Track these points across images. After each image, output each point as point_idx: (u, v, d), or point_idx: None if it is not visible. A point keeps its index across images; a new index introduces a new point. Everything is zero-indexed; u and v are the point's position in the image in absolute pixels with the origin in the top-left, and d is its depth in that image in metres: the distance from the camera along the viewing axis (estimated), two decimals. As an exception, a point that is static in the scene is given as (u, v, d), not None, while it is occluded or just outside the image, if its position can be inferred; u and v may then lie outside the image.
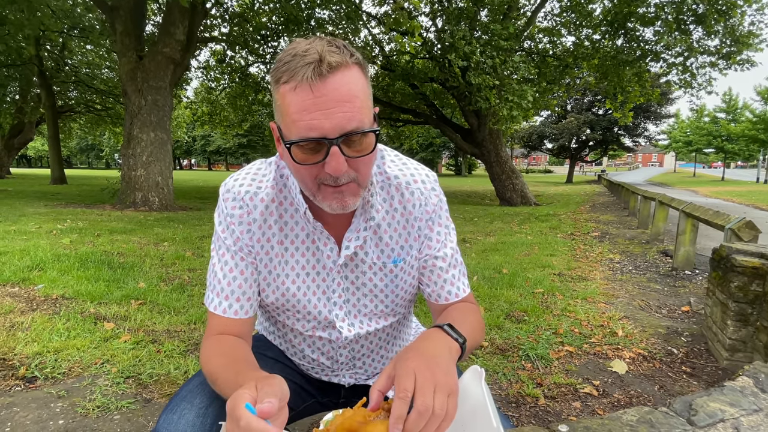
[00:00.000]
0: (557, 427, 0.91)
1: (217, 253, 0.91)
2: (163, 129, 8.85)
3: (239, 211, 0.89)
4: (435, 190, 0.97)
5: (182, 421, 0.88)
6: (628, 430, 0.92)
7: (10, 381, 2.10)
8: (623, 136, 36.22)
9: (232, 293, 0.89)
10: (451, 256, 0.99)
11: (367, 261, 0.94)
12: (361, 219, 0.91)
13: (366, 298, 0.97)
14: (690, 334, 3.14)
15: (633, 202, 9.69)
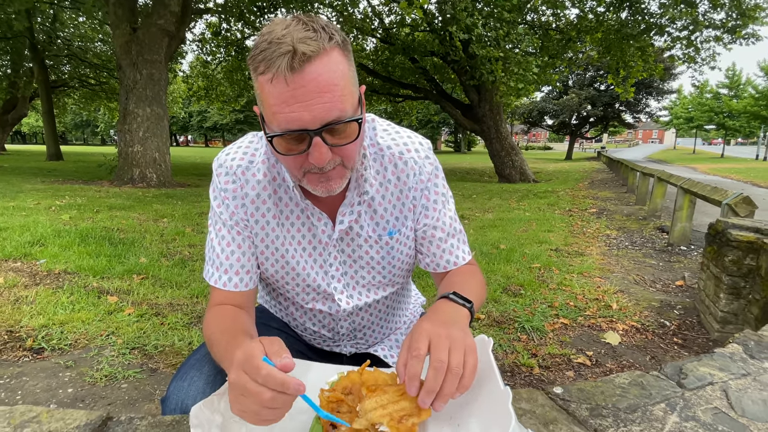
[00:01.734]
0: (552, 389, 0.95)
1: (214, 228, 0.92)
2: (159, 104, 8.73)
3: (232, 186, 0.89)
4: (429, 158, 0.96)
5: (192, 387, 0.92)
6: (620, 392, 0.96)
7: (18, 352, 2.14)
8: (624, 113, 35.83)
9: (231, 267, 0.91)
10: (449, 225, 0.98)
11: (363, 234, 0.95)
12: (354, 193, 0.91)
13: (363, 270, 0.98)
14: (683, 307, 3.21)
15: (632, 178, 9.69)
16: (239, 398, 0.59)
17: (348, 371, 0.82)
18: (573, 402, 0.93)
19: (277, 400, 0.58)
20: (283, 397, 0.58)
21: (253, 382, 0.58)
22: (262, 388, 0.57)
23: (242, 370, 0.59)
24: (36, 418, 0.86)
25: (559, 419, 0.87)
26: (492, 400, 0.70)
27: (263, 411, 0.59)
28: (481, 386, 0.76)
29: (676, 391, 0.99)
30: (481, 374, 0.78)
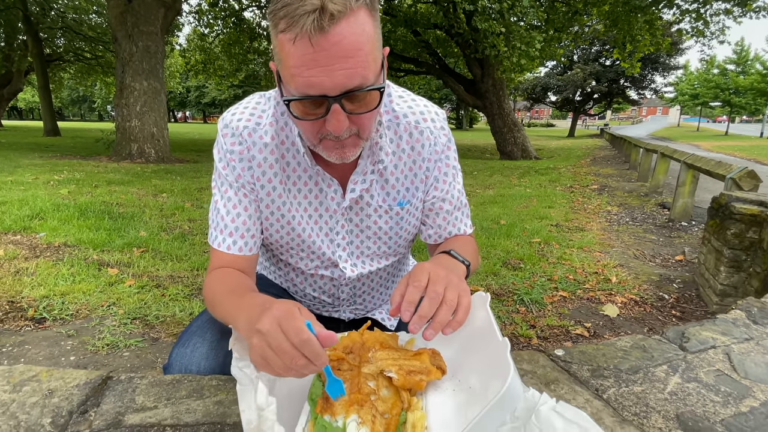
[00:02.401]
0: (554, 351, 0.95)
1: (219, 190, 0.89)
2: (156, 77, 8.57)
3: (239, 148, 0.86)
4: (444, 129, 0.94)
5: (195, 353, 0.91)
6: (622, 354, 0.96)
7: (20, 322, 2.15)
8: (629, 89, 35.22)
9: (236, 230, 0.88)
10: (457, 198, 0.98)
11: (373, 204, 0.92)
12: (368, 161, 0.88)
13: (369, 240, 0.97)
14: (682, 281, 3.21)
15: (634, 155, 9.60)
16: (266, 351, 0.58)
17: (349, 332, 0.82)
18: (574, 363, 0.93)
19: (308, 368, 0.58)
20: (312, 367, 0.58)
21: (288, 342, 0.56)
22: (297, 353, 0.56)
23: (278, 324, 0.57)
24: (35, 377, 0.86)
25: (560, 379, 0.87)
26: (491, 353, 0.69)
27: (288, 372, 0.58)
28: (480, 341, 0.76)
29: (678, 354, 0.98)
30: (479, 329, 0.77)
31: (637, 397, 0.83)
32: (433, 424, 0.67)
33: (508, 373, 0.56)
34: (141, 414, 0.76)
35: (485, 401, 0.65)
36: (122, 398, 0.80)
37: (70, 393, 0.81)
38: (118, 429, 0.72)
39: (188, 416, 0.75)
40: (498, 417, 0.59)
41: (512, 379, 0.56)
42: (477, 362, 0.73)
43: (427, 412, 0.69)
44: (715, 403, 0.82)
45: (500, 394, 0.55)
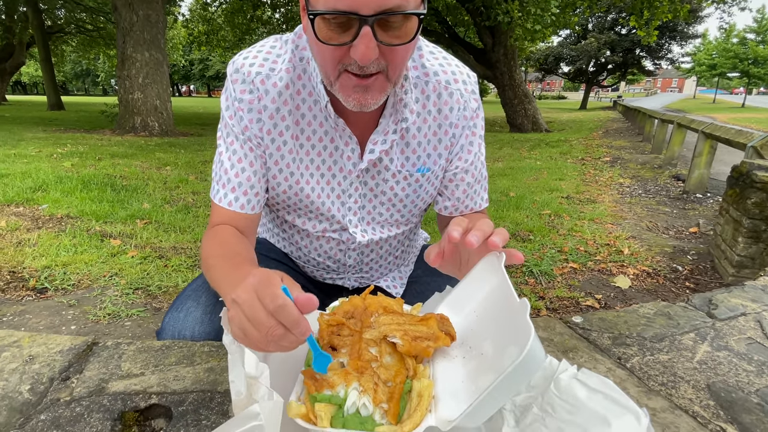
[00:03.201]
0: (571, 318, 0.88)
1: (224, 141, 0.82)
2: (157, 48, 8.38)
3: (249, 96, 0.77)
4: (475, 93, 0.85)
5: (189, 318, 0.86)
6: (645, 322, 0.89)
7: (21, 291, 2.13)
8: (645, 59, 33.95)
9: (239, 185, 0.81)
10: (479, 171, 0.91)
11: (392, 168, 0.84)
12: (390, 120, 0.79)
13: (383, 206, 0.90)
14: (696, 253, 3.12)
15: (648, 126, 9.32)
16: (244, 323, 0.51)
17: (350, 296, 0.75)
18: (594, 331, 0.86)
19: (287, 338, 0.50)
20: (292, 338, 0.50)
21: (264, 310, 0.49)
22: (273, 322, 0.49)
23: (255, 292, 0.50)
24: (17, 343, 0.81)
25: (579, 347, 0.80)
26: (506, 316, 0.62)
27: (269, 344, 0.51)
28: (494, 304, 0.69)
29: (706, 321, 0.91)
30: (493, 292, 0.71)
31: (663, 366, 0.76)
32: (441, 394, 0.60)
33: (528, 336, 0.49)
34: (125, 381, 0.71)
35: (500, 368, 0.59)
36: (107, 365, 0.75)
37: (53, 359, 0.76)
38: (100, 396, 0.67)
39: (176, 383, 0.70)
40: (515, 385, 0.52)
41: (533, 342, 0.48)
42: (490, 327, 0.67)
43: (434, 381, 0.63)
44: (748, 372, 0.75)
45: (520, 359, 0.48)
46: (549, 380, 0.61)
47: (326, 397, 0.57)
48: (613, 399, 0.54)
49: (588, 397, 0.56)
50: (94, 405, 0.65)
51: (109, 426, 0.62)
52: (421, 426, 0.54)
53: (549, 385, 0.60)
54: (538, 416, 0.58)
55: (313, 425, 0.53)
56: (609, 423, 0.52)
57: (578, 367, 0.60)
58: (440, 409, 0.57)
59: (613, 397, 0.55)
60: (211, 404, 0.66)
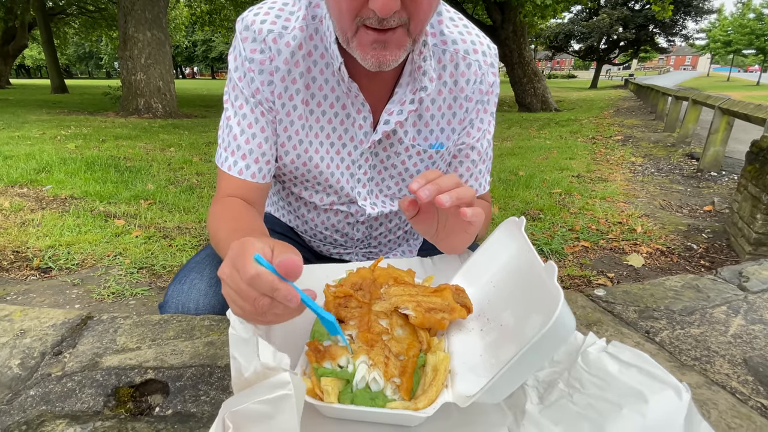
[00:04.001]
0: (593, 291, 0.82)
1: (233, 105, 0.76)
2: (159, 27, 8.24)
3: (260, 56, 0.71)
4: (493, 66, 0.79)
5: (193, 290, 0.82)
6: (673, 295, 0.83)
7: (25, 271, 2.11)
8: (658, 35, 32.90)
9: (250, 152, 0.75)
10: (485, 150, 0.86)
11: (405, 142, 0.79)
12: (408, 89, 0.73)
13: (392, 180, 0.85)
14: (711, 231, 3.04)
15: (662, 104, 9.09)
16: (233, 297, 0.47)
17: (358, 268, 0.70)
18: (618, 304, 0.80)
19: (276, 308, 0.45)
20: (281, 307, 0.45)
21: (243, 282, 0.45)
22: (254, 293, 0.44)
23: (233, 265, 0.46)
24: (8, 317, 0.77)
25: (604, 321, 0.75)
26: (529, 283, 0.57)
27: (263, 316, 0.47)
28: (515, 271, 0.63)
29: (738, 294, 0.85)
30: (513, 258, 0.65)
31: (695, 341, 0.71)
32: (458, 368, 0.56)
33: (556, 301, 0.43)
34: (120, 355, 0.66)
35: (521, 339, 0.53)
36: (102, 339, 0.71)
37: (45, 333, 0.72)
38: (93, 371, 0.63)
39: (174, 358, 0.66)
40: (542, 356, 0.47)
41: (562, 308, 0.43)
42: (510, 297, 0.61)
43: (450, 355, 0.58)
44: (788, 347, 0.69)
45: (548, 326, 0.42)
46: (575, 354, 0.56)
47: (333, 371, 0.53)
48: (650, 373, 0.49)
49: (620, 371, 0.51)
50: (87, 380, 0.61)
51: (102, 402, 0.58)
52: (437, 402, 0.49)
53: (575, 360, 0.55)
54: (565, 392, 0.53)
55: (319, 401, 0.49)
56: (646, 399, 0.47)
57: (608, 340, 0.55)
58: (457, 384, 0.53)
59: (650, 371, 0.49)
60: (210, 379, 0.62)
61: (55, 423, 0.53)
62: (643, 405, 0.46)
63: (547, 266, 0.51)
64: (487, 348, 0.59)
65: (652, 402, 0.46)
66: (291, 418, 0.41)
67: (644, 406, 0.46)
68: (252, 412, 0.41)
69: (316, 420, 0.52)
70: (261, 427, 0.41)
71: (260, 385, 0.43)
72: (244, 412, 0.42)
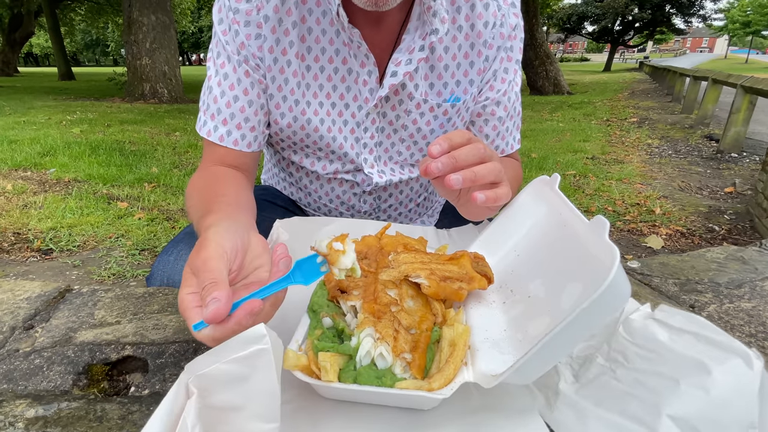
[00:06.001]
0: (626, 263, 0.73)
1: (214, 64, 0.67)
2: (164, 11, 8.12)
3: (246, 6, 0.63)
4: (515, 7, 0.70)
5: (180, 261, 0.75)
6: (716, 267, 0.74)
7: (25, 253, 2.07)
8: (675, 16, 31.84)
9: (232, 117, 0.67)
10: (512, 105, 0.76)
11: (416, 97, 0.70)
12: (416, 34, 0.64)
13: (402, 144, 0.76)
14: (734, 212, 2.91)
15: (679, 86, 8.81)
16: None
17: (363, 236, 0.62)
18: (655, 276, 0.72)
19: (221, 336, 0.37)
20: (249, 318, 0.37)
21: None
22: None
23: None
24: (-19, 290, 0.71)
25: (642, 294, 0.66)
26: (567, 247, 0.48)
27: None
28: (545, 237, 0.55)
29: (790, 267, 0.76)
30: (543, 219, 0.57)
31: (748, 315, 0.62)
32: (478, 344, 0.47)
33: (612, 259, 0.35)
34: (96, 330, 0.59)
35: (557, 312, 0.45)
36: (78, 313, 0.64)
37: (17, 306, 0.65)
38: (65, 347, 0.56)
39: (155, 333, 0.59)
40: (587, 328, 0.38)
41: (618, 269, 0.34)
42: (540, 265, 0.53)
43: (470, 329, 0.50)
44: None
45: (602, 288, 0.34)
46: (614, 324, 0.47)
47: (334, 345, 0.45)
48: (710, 339, 0.41)
49: (672, 339, 0.42)
50: (57, 356, 0.54)
51: (71, 380, 0.51)
52: (455, 382, 0.41)
53: (616, 330, 0.47)
54: (606, 368, 0.44)
55: (317, 379, 0.41)
56: (708, 370, 0.38)
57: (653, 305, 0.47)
58: (479, 362, 0.44)
59: (709, 338, 0.41)
60: (195, 356, 0.54)
61: (14, 403, 0.46)
62: (706, 377, 0.38)
63: (595, 221, 0.42)
64: (513, 322, 0.50)
65: (716, 373, 0.37)
66: (269, 377, 0.33)
67: (707, 379, 0.38)
68: (222, 373, 0.34)
69: (312, 401, 0.44)
70: (234, 392, 0.34)
71: (229, 341, 0.35)
72: (212, 374, 0.34)
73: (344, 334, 0.48)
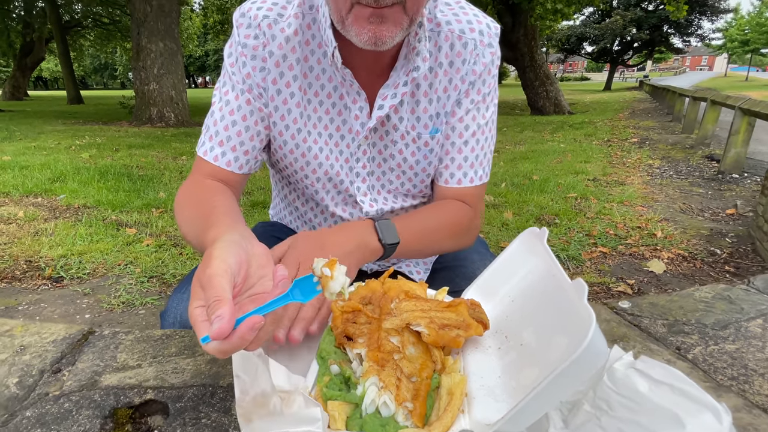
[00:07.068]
0: (618, 303, 0.77)
1: (219, 92, 0.75)
2: (171, 38, 8.37)
3: (254, 42, 0.71)
4: (492, 46, 0.76)
5: None
6: (704, 307, 0.78)
7: (37, 281, 2.12)
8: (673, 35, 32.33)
9: (227, 140, 0.74)
10: (472, 133, 0.78)
11: (400, 129, 0.76)
12: (402, 71, 0.71)
13: (392, 173, 0.81)
14: (735, 235, 2.93)
15: (679, 105, 8.91)
16: None
17: (367, 280, 0.66)
18: (645, 317, 0.75)
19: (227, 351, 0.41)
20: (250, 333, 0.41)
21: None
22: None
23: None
24: (9, 332, 0.75)
25: (630, 336, 0.70)
26: (553, 301, 0.52)
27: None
28: (537, 286, 0.59)
29: (775, 306, 0.79)
30: (534, 272, 0.61)
31: (731, 358, 0.65)
32: (475, 391, 0.51)
33: (588, 324, 0.39)
34: (120, 374, 0.64)
35: (546, 363, 0.49)
36: (102, 356, 0.68)
37: (45, 350, 0.70)
38: (91, 390, 0.60)
39: (175, 377, 0.63)
40: (571, 384, 0.42)
41: (594, 333, 0.39)
42: (532, 313, 0.57)
43: (466, 376, 0.54)
44: (834, 365, 0.64)
45: (578, 352, 0.38)
46: (600, 371, 0.51)
47: (342, 394, 0.49)
48: (684, 392, 0.44)
49: (651, 390, 0.46)
50: (84, 400, 0.58)
51: (99, 424, 0.55)
52: (453, 429, 0.45)
53: (601, 377, 0.50)
54: (592, 415, 0.48)
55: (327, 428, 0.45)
56: (682, 423, 0.42)
57: (635, 354, 0.50)
58: (475, 410, 0.48)
59: (684, 390, 0.45)
60: (212, 400, 0.58)
61: (48, 448, 0.50)
62: (680, 430, 0.41)
63: (575, 284, 0.47)
64: (506, 369, 0.54)
65: (689, 427, 0.41)
66: None
67: None
68: None
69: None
70: None
71: (287, 414, 0.39)
72: None
73: (350, 381, 0.52)
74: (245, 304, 0.46)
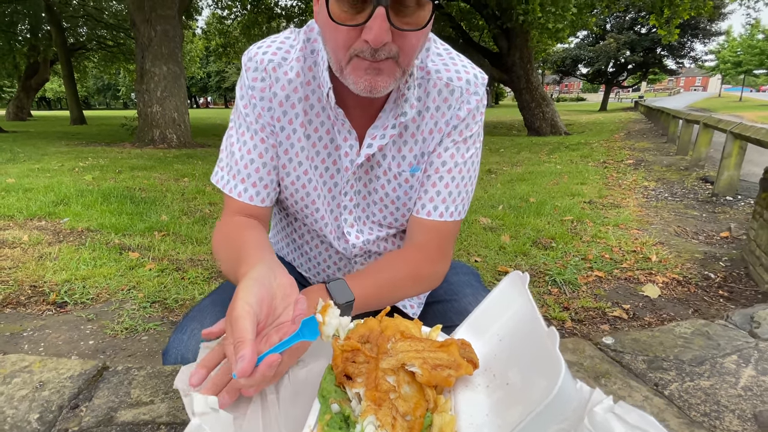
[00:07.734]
0: (601, 339, 0.82)
1: (236, 131, 0.82)
2: (175, 62, 8.57)
3: (260, 84, 0.78)
4: (478, 94, 0.81)
5: (192, 340, 0.84)
6: (683, 343, 0.82)
7: (41, 306, 2.16)
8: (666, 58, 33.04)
9: (248, 177, 0.81)
10: (447, 170, 0.82)
11: (383, 165, 0.82)
12: (391, 115, 0.78)
13: (375, 206, 0.87)
14: (729, 259, 2.98)
15: (673, 127, 9.07)
16: None
17: (365, 318, 0.71)
18: (627, 353, 0.80)
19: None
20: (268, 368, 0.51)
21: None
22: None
23: None
24: (28, 368, 0.80)
25: (612, 372, 0.74)
26: (533, 344, 0.57)
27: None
28: (520, 329, 0.64)
29: (749, 341, 0.84)
30: (517, 315, 0.66)
31: (705, 394, 0.70)
32: (464, 429, 0.56)
33: (558, 372, 0.44)
34: (135, 410, 0.68)
35: (528, 403, 0.54)
36: (117, 392, 0.73)
37: (62, 385, 0.74)
38: (108, 427, 0.65)
39: (185, 414, 0.67)
40: (546, 424, 0.47)
41: (563, 380, 0.44)
42: (516, 353, 0.62)
43: (457, 414, 0.58)
44: (802, 401, 0.68)
45: (550, 397, 0.43)
46: (581, 411, 0.55)
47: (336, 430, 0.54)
48: (655, 439, 0.49)
49: (627, 435, 0.51)
50: (101, 437, 0.63)
51: (116, 461, 0.59)
52: (444, 467, 0.50)
53: (582, 419, 0.55)
54: (572, 455, 0.53)
55: (327, 465, 0.50)
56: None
57: (615, 399, 0.55)
58: (464, 448, 0.53)
59: (655, 437, 0.49)
60: (220, 436, 0.63)
61: (70, 484, 0.54)
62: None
63: (549, 332, 0.52)
64: (494, 407, 0.59)
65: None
66: None
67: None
68: None
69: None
70: None
71: None
72: None
73: (350, 420, 0.56)
74: (271, 336, 0.55)
